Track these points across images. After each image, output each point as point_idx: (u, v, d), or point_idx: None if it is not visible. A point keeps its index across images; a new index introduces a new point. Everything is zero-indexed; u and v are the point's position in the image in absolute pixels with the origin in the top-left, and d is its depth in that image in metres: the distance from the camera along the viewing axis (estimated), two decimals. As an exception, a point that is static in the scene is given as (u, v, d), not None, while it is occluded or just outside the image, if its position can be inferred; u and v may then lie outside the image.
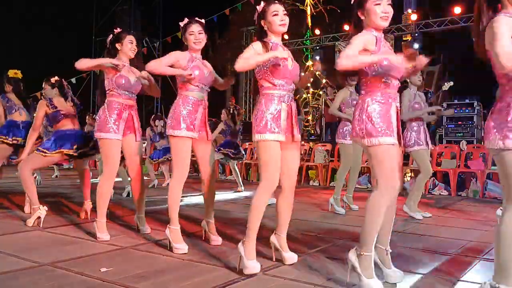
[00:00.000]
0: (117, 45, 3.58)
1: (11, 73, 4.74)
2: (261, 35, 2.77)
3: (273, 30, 2.73)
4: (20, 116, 4.65)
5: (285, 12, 2.73)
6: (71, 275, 2.53)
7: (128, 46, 3.57)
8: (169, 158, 7.62)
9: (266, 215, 2.70)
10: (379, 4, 2.34)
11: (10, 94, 4.69)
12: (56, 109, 4.07)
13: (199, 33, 3.17)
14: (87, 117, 8.55)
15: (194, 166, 9.87)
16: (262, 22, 2.75)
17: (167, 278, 2.52)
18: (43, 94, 4.26)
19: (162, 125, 7.66)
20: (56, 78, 4.27)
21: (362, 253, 2.31)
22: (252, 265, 2.55)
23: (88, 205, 4.24)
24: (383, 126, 2.30)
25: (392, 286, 2.40)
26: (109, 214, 4.25)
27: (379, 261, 2.48)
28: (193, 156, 3.27)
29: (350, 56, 2.24)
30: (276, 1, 2.75)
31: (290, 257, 2.80)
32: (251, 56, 2.63)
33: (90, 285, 2.39)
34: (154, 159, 7.50)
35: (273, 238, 2.86)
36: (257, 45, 2.69)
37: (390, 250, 2.49)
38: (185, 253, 3.01)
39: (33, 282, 2.42)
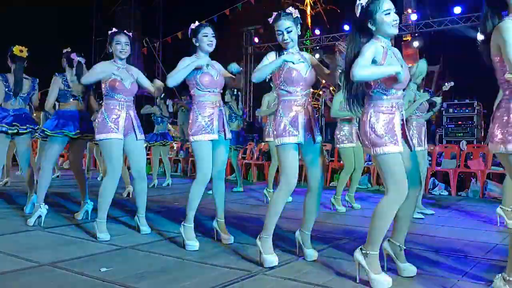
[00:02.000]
0: (109, 47, 3.60)
1: (16, 50, 4.29)
2: (279, 45, 2.88)
3: (280, 44, 2.85)
4: (11, 105, 4.28)
5: (291, 29, 2.79)
6: (71, 275, 2.53)
7: (117, 48, 3.56)
8: (164, 144, 7.51)
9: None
10: (389, 13, 2.38)
11: (11, 76, 4.28)
12: (69, 88, 4.04)
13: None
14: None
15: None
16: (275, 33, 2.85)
17: (167, 278, 2.53)
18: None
19: (172, 104, 7.60)
20: (68, 49, 4.17)
21: (368, 252, 2.39)
22: (269, 259, 2.71)
23: (88, 204, 4.24)
24: (386, 136, 2.36)
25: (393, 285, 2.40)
26: (109, 214, 4.25)
27: (393, 255, 2.57)
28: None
29: (364, 67, 2.27)
30: (282, 17, 2.79)
31: (311, 254, 2.89)
32: (263, 66, 2.76)
33: (90, 285, 2.39)
34: (150, 142, 7.38)
35: (297, 234, 2.98)
36: (271, 56, 2.82)
37: (404, 247, 2.58)
38: (195, 250, 3.09)
39: (33, 282, 2.43)
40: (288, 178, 2.73)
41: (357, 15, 2.44)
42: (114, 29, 3.65)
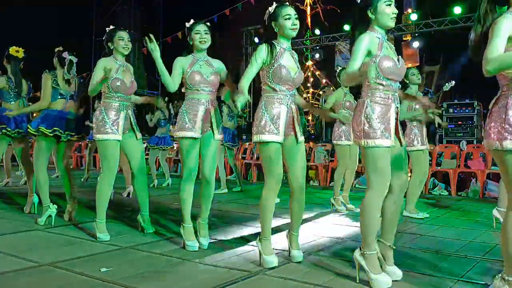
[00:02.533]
0: (109, 44, 3.56)
1: (12, 50, 4.38)
2: (270, 36, 2.80)
3: (284, 33, 2.77)
4: (12, 105, 4.38)
5: (297, 16, 2.76)
6: (71, 275, 2.53)
7: (120, 43, 3.53)
8: (164, 148, 7.54)
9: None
10: (390, 4, 2.39)
11: (11, 76, 4.36)
12: (57, 85, 4.02)
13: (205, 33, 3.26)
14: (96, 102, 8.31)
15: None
16: (273, 24, 2.77)
17: (167, 278, 2.53)
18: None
19: (172, 105, 7.63)
20: (60, 48, 4.15)
21: (365, 253, 2.38)
22: (269, 259, 2.70)
23: (73, 206, 4.15)
24: (380, 128, 2.35)
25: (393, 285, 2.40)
26: (109, 214, 4.25)
27: (381, 256, 2.51)
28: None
29: (350, 75, 2.33)
30: (289, 4, 2.77)
31: (295, 255, 2.85)
32: (247, 83, 2.74)
33: (90, 285, 2.39)
34: (150, 144, 7.43)
35: (286, 234, 2.96)
36: (261, 52, 2.72)
37: (394, 247, 2.54)
38: (196, 250, 3.07)
39: (33, 282, 2.43)
40: (274, 175, 2.70)
41: (358, 1, 2.44)
42: (111, 26, 3.62)
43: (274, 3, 2.80)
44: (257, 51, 2.73)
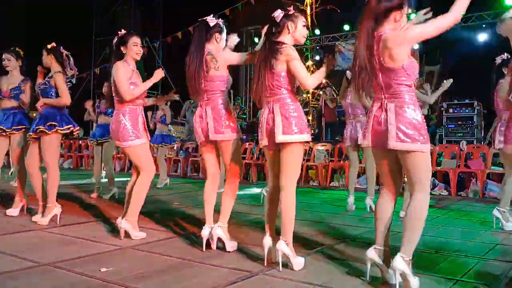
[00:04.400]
0: (122, 48, 3.50)
1: None
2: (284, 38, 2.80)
3: (298, 38, 2.80)
4: None
5: (305, 24, 2.82)
6: (71, 275, 2.53)
7: (134, 49, 3.51)
8: (163, 145, 7.49)
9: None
10: (407, 18, 2.40)
11: None
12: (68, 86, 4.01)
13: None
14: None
15: (194, 166, 9.88)
16: (289, 25, 2.77)
17: (167, 278, 2.53)
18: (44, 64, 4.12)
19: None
20: (53, 44, 4.11)
21: (410, 259, 2.28)
22: (301, 261, 2.70)
23: (58, 209, 4.01)
24: (424, 133, 2.29)
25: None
26: (110, 214, 4.24)
27: (381, 262, 2.47)
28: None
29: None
30: (301, 14, 2.83)
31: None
32: (316, 72, 2.78)
33: (90, 285, 2.39)
34: (155, 144, 7.37)
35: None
36: (294, 50, 2.74)
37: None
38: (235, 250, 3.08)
39: (33, 282, 2.43)
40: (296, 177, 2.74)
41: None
42: (123, 31, 3.58)
43: (292, 7, 2.81)
44: (293, 49, 2.71)
